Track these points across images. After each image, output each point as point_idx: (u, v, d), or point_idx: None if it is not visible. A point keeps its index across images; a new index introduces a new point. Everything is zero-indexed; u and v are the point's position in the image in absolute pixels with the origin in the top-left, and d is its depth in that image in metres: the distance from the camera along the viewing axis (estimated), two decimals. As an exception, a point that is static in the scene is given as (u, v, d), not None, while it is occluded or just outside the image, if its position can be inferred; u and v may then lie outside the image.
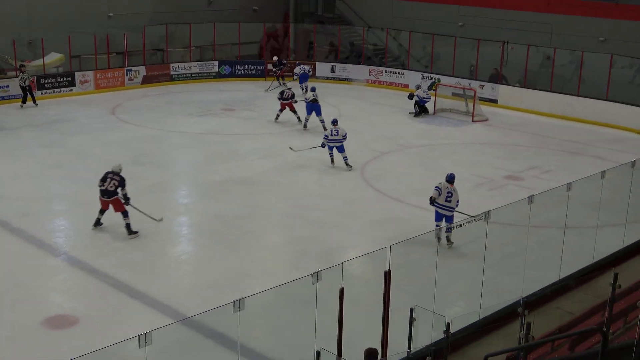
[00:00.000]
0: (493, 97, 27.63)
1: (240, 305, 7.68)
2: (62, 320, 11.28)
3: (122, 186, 14.54)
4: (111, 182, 14.56)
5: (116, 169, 14.79)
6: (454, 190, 14.38)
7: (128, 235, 14.46)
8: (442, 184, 14.41)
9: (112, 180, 14.58)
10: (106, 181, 14.59)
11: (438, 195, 14.24)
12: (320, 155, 20.31)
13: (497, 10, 29.59)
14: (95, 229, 14.81)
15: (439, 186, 14.35)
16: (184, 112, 25.20)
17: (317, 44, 33.21)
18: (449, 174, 14.64)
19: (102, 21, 29.52)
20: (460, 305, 11.78)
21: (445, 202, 14.26)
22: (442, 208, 14.30)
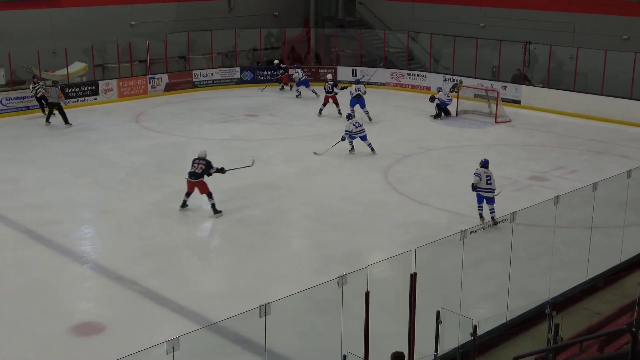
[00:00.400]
0: (516, 98, 27.48)
1: (266, 310, 7.69)
2: (89, 327, 11.36)
3: (209, 168, 16.14)
4: (198, 166, 16.09)
5: (202, 155, 16.33)
6: (491, 174, 15.50)
7: (214, 214, 15.98)
8: (480, 170, 15.52)
9: (199, 164, 16.12)
10: (193, 165, 16.16)
11: (479, 181, 15.40)
12: (344, 159, 20.33)
13: (518, 10, 29.45)
14: (182, 210, 16.24)
15: (478, 172, 15.48)
16: (207, 119, 25.31)
17: (338, 48, 33.21)
18: (483, 160, 15.82)
19: (125, 30, 29.75)
20: (487, 307, 11.70)
21: (487, 185, 15.43)
22: (485, 191, 15.45)
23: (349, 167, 19.69)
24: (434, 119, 25.22)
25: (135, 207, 16.63)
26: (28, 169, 19.39)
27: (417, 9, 32.93)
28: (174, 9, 31.62)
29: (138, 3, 30.64)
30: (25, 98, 25.54)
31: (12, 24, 27.05)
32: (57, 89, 24.31)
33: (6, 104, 25.22)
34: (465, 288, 10.27)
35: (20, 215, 15.92)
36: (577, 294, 11.45)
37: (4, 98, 25.19)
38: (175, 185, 18.11)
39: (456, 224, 14.55)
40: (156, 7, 31.07)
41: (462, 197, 17.19)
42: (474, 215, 15.63)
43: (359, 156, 20.63)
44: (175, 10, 31.62)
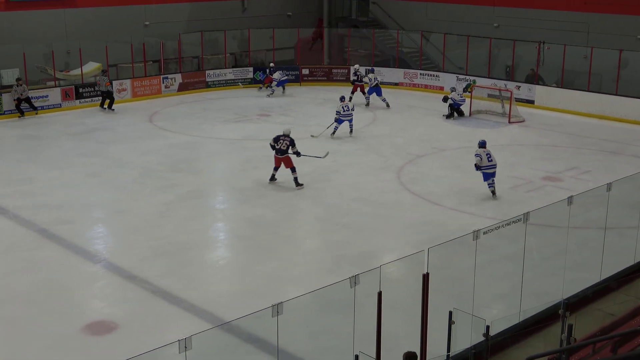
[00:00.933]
0: (530, 98, 27.38)
1: (279, 310, 7.70)
2: (102, 326, 11.40)
3: (293, 145, 17.78)
4: (283, 143, 17.77)
5: (286, 132, 18.01)
6: (490, 151, 17.03)
7: (296, 187, 17.70)
8: (480, 150, 17.05)
9: (284, 141, 17.79)
10: (279, 142, 17.74)
11: (480, 161, 16.94)
12: (357, 159, 20.33)
13: (532, 10, 29.34)
14: (270, 183, 18.05)
15: (479, 153, 17.00)
16: (220, 119, 25.37)
17: (351, 48, 33.20)
18: (481, 140, 17.44)
19: (139, 30, 29.87)
20: (500, 307, 11.68)
21: (488, 162, 16.96)
22: (488, 168, 17.01)
23: (361, 167, 19.68)
24: (446, 119, 25.18)
25: (148, 207, 16.69)
26: (42, 169, 19.49)
27: (430, 8, 32.87)
28: (188, 9, 31.71)
29: (152, 3, 30.75)
30: (40, 98, 25.68)
31: (27, 24, 27.21)
32: (105, 77, 26.12)
33: (21, 104, 25.35)
34: (478, 288, 10.24)
35: (34, 215, 16.01)
36: (591, 294, 11.40)
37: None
38: (188, 185, 18.17)
39: (469, 224, 14.50)
40: (170, 8, 31.18)
41: (475, 198, 17.17)
42: (487, 215, 15.60)
43: (371, 156, 20.62)
44: (188, 10, 31.70)
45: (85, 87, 26.87)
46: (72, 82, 27.03)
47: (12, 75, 25.86)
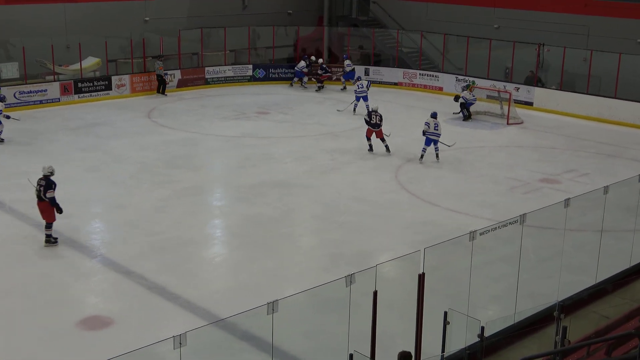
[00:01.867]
0: (529, 100, 27.41)
1: (274, 308, 7.71)
2: (97, 321, 11.41)
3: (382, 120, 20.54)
4: (376, 118, 20.39)
5: (375, 108, 20.70)
6: (439, 122, 19.96)
7: (387, 152, 20.53)
8: (430, 120, 19.87)
9: (376, 116, 20.39)
10: (372, 118, 20.41)
11: (428, 128, 19.81)
12: (355, 158, 20.34)
13: (533, 12, 29.35)
14: (369, 152, 20.69)
15: (428, 121, 19.84)
16: (219, 115, 25.36)
17: (350, 47, 33.20)
18: (433, 112, 20.24)
19: (139, 25, 29.84)
20: (495, 308, 11.69)
21: (434, 130, 19.82)
22: (432, 135, 19.85)
23: (359, 166, 19.70)
24: (463, 120, 25.14)
25: (145, 203, 16.69)
26: (40, 163, 19.42)
27: (430, 9, 32.87)
28: (188, 6, 31.68)
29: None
30: (38, 92, 25.67)
31: (27, 18, 27.16)
32: (160, 62, 27.91)
33: (19, 98, 25.36)
34: (474, 289, 10.25)
35: (31, 209, 15.96)
36: (586, 297, 11.41)
37: (17, 92, 25.31)
38: (186, 181, 18.17)
39: (466, 225, 14.52)
40: (170, 4, 31.14)
41: (472, 198, 17.19)
42: (484, 216, 15.63)
43: (370, 156, 20.63)
44: (188, 6, 31.68)
45: (84, 82, 26.85)
46: (71, 76, 27.00)
47: (11, 69, 25.85)
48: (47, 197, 13.93)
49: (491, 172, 19.38)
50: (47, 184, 13.99)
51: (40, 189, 13.99)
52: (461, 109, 25.39)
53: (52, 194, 13.93)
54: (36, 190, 14.10)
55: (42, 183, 14.01)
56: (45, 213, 14.14)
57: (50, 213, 14.13)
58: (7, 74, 25.92)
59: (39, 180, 14.08)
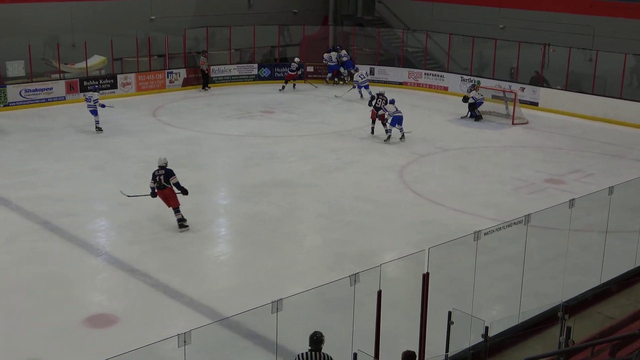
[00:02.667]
0: (534, 100, 27.37)
1: (278, 307, 7.72)
2: (103, 319, 11.44)
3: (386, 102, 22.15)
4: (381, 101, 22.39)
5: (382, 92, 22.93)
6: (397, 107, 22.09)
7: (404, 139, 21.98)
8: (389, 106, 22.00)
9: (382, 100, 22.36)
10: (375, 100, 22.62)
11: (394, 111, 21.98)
12: (360, 157, 20.35)
13: (538, 12, 29.30)
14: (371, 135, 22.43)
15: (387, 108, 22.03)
16: (224, 114, 25.38)
17: (356, 46, 33.20)
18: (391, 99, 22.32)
19: (144, 24, 29.87)
20: (499, 309, 11.69)
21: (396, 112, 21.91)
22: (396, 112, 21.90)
23: (364, 166, 19.70)
24: (475, 120, 25.11)
25: (150, 201, 16.64)
26: (46, 161, 19.52)
27: (436, 8, 32.84)
28: (194, 4, 31.70)
29: (158, -2, 30.79)
30: (44, 90, 25.73)
31: (33, 16, 27.21)
32: (204, 57, 29.04)
33: (25, 96, 25.42)
34: (478, 289, 10.26)
35: (37, 207, 16.05)
36: (590, 297, 11.42)
37: (23, 90, 25.38)
38: (189, 180, 18.13)
39: (470, 224, 14.51)
40: (176, 2, 31.17)
41: (477, 198, 17.18)
42: (489, 216, 15.63)
43: (374, 155, 20.64)
44: (194, 5, 31.70)
45: (90, 80, 26.88)
46: (76, 75, 27.05)
47: (17, 67, 25.91)
48: (173, 183, 14.93)
49: (496, 172, 19.37)
50: (167, 173, 14.96)
51: (161, 179, 14.91)
52: (470, 109, 25.34)
53: (175, 179, 14.96)
54: (155, 183, 14.99)
55: (160, 173, 14.94)
56: (170, 199, 15.05)
57: (174, 198, 15.03)
58: (13, 72, 25.98)
59: (156, 172, 14.99)
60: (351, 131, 23.25)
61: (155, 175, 15.00)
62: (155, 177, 15.00)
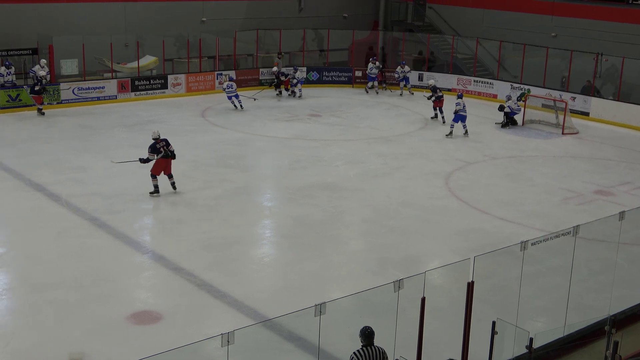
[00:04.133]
0: (585, 110, 26.97)
1: (322, 310, 7.72)
2: (147, 316, 11.56)
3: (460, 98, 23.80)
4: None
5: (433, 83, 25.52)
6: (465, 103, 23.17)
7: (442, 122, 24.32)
8: (460, 101, 22.92)
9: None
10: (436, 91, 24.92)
11: (461, 108, 22.98)
12: (406, 163, 20.28)
13: (591, 21, 28.89)
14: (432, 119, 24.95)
15: (459, 102, 22.92)
16: (271, 117, 25.51)
17: (405, 51, 33.11)
18: (459, 93, 24.00)
19: (196, 26, 30.22)
20: (544, 320, 11.54)
21: (464, 109, 22.88)
22: (463, 111, 22.91)
23: (410, 171, 19.62)
24: (501, 127, 24.94)
25: (196, 201, 16.88)
26: (96, 158, 19.83)
27: (487, 15, 32.60)
28: (245, 7, 31.97)
29: (209, 0, 31.08)
30: (96, 89, 26.16)
31: (87, 16, 27.74)
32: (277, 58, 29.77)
33: (78, 94, 25.88)
34: (523, 300, 10.13)
35: (86, 203, 16.31)
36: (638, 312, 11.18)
37: (76, 88, 25.84)
38: (236, 181, 18.32)
39: (517, 234, 14.35)
40: (227, 5, 31.47)
41: (524, 208, 16.99)
42: (536, 226, 15.44)
43: (421, 161, 20.55)
44: (245, 8, 31.96)
45: (141, 80, 27.27)
46: (128, 74, 27.46)
47: (70, 66, 26.39)
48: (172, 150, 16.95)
49: (544, 182, 19.13)
50: (166, 141, 16.93)
51: (167, 148, 16.81)
52: (504, 119, 25.08)
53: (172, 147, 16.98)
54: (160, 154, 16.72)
55: (162, 144, 16.75)
56: (170, 166, 17.05)
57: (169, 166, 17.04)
58: (67, 71, 26.47)
59: (157, 145, 16.72)
60: (398, 136, 23.18)
61: (159, 147, 16.67)
62: (158, 149, 16.66)
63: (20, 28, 26.36)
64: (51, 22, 26.96)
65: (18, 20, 26.48)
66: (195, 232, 15.01)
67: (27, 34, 26.15)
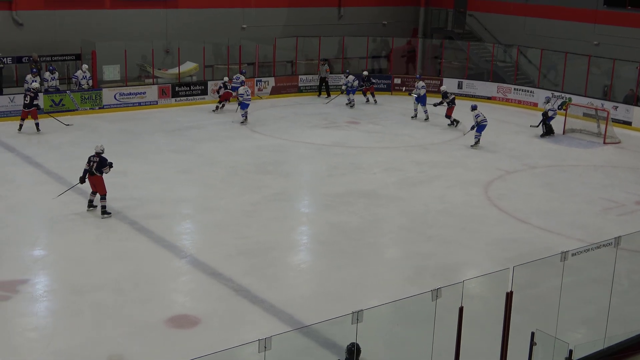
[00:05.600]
0: (627, 119, 26.58)
1: (359, 317, 7.70)
2: (185, 320, 11.65)
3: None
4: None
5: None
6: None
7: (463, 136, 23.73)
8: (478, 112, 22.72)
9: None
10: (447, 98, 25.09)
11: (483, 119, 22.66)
12: (445, 171, 20.18)
13: (635, 29, 28.48)
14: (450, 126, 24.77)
15: (478, 113, 22.66)
16: (310, 124, 25.57)
17: (445, 59, 32.97)
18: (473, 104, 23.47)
19: (236, 32, 30.44)
20: (583, 332, 11.38)
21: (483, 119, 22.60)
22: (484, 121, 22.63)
23: (449, 180, 19.51)
24: (541, 136, 24.67)
25: (235, 206, 16.97)
26: (136, 163, 20.05)
27: (528, 23, 32.35)
28: (285, 14, 32.12)
29: (250, 7, 31.29)
30: (138, 94, 26.47)
31: (129, 22, 28.10)
32: (325, 65, 30.00)
33: (120, 99, 26.20)
34: (563, 311, 10.00)
35: (126, 207, 16.49)
36: (681, 325, 10.97)
37: (117, 93, 26.17)
38: (274, 187, 18.38)
39: (556, 244, 14.18)
40: (267, 12, 31.66)
41: (564, 218, 16.79)
42: (576, 237, 15.26)
43: (459, 169, 20.43)
44: (285, 15, 32.11)
45: (182, 86, 27.53)
46: (169, 80, 27.75)
47: (113, 71, 26.76)
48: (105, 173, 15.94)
49: (585, 192, 18.89)
50: (101, 161, 15.90)
51: (94, 165, 15.83)
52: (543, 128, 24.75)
53: (107, 170, 15.99)
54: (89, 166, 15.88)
55: (95, 160, 15.87)
56: (97, 186, 15.94)
57: (101, 185, 15.93)
58: (109, 76, 26.85)
59: (92, 157, 15.95)
60: (436, 145, 23.08)
61: (91, 160, 15.94)
62: (90, 162, 15.93)
63: (63, 34, 26.80)
64: (94, 28, 27.36)
65: (61, 27, 26.92)
66: (234, 238, 15.09)
67: (71, 39, 26.56)
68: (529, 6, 32.49)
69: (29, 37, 26.27)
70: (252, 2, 31.43)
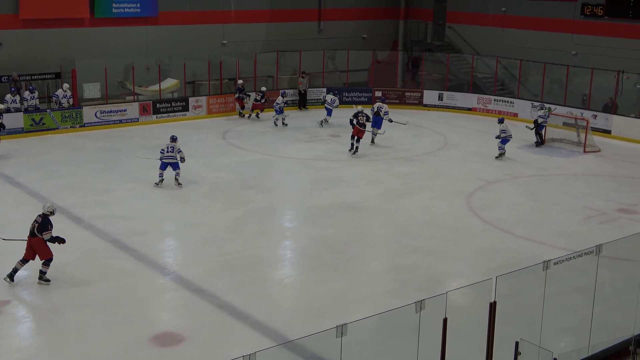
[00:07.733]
0: (606, 128, 26.82)
1: (343, 331, 7.71)
2: (169, 338, 11.59)
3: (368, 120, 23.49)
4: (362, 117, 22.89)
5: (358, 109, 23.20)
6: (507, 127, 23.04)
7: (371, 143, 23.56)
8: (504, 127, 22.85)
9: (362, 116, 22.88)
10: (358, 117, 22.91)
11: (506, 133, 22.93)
12: (428, 183, 20.25)
13: (611, 38, 28.79)
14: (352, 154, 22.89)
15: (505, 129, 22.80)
16: (292, 138, 25.60)
17: (425, 71, 33.16)
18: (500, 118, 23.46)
19: (216, 48, 30.48)
20: (567, 340, 11.43)
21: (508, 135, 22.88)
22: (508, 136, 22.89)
23: (432, 191, 19.58)
24: (536, 146, 24.83)
25: (218, 222, 16.94)
26: (118, 180, 19.98)
27: (507, 34, 32.61)
28: (265, 29, 32.22)
29: (230, 23, 31.36)
30: (118, 112, 26.41)
31: (109, 40, 28.06)
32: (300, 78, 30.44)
33: (100, 117, 26.12)
34: (546, 320, 10.05)
35: (108, 225, 16.42)
36: (664, 332, 11.05)
37: (98, 111, 26.09)
38: (258, 202, 18.37)
39: (539, 254, 14.25)
40: (247, 27, 31.76)
41: (546, 227, 16.89)
42: (559, 245, 15.34)
43: (442, 180, 20.51)
44: (265, 30, 32.21)
45: (163, 103, 27.49)
46: (150, 97, 27.71)
47: (93, 89, 26.69)
48: (46, 239, 13.12)
49: (566, 201, 19.01)
50: (43, 223, 13.11)
51: (35, 225, 13.15)
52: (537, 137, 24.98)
53: (49, 235, 13.10)
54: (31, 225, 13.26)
55: (38, 220, 13.14)
56: (37, 251, 13.20)
57: (42, 250, 13.19)
58: (90, 94, 26.79)
59: (37, 217, 13.24)
60: (419, 156, 23.16)
61: (34, 220, 13.24)
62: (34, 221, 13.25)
63: (43, 52, 26.72)
64: (74, 46, 27.29)
65: (41, 45, 26.84)
66: (217, 254, 15.06)
67: (50, 58, 26.48)
68: (507, 17, 32.79)
69: (9, 56, 26.17)
70: (233, 18, 31.50)
